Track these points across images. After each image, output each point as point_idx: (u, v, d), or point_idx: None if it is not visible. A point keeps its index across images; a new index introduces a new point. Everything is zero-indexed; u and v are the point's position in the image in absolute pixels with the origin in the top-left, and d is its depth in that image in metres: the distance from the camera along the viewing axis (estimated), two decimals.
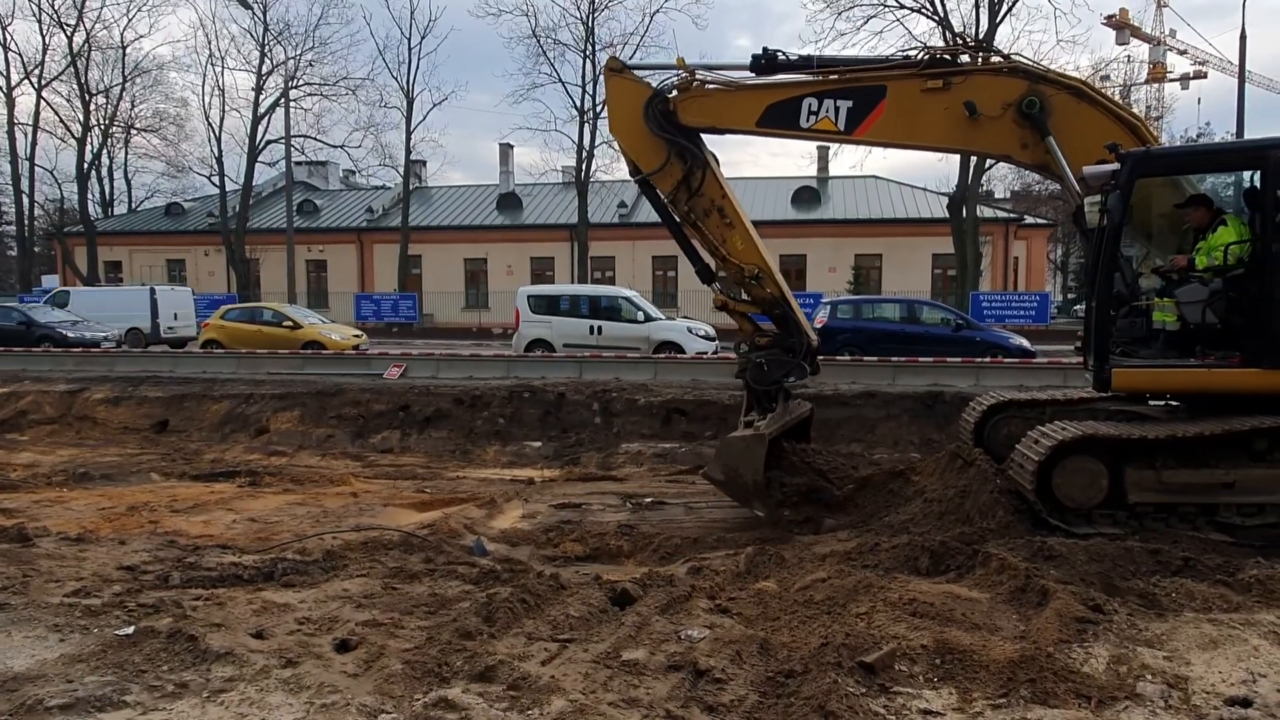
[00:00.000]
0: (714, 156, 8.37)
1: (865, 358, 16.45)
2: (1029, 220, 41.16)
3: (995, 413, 8.86)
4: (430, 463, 11.62)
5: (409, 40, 38.78)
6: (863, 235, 37.95)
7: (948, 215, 34.58)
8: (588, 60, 36.91)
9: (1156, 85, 46.60)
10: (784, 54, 8.18)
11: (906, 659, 3.80)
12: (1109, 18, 43.10)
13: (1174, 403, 7.56)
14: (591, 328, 19.60)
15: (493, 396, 13.29)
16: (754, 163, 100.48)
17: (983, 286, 35.27)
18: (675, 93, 8.24)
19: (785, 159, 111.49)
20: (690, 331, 20.01)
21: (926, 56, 8.02)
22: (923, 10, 33.28)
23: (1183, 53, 63.29)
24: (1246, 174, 7.27)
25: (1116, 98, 39.66)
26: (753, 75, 8.24)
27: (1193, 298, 6.82)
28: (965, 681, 3.66)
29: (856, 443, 11.88)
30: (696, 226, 8.40)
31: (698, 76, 8.23)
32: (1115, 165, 6.85)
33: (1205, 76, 62.83)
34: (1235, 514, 6.54)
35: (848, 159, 58.14)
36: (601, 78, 9.16)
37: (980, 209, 32.91)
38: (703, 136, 8.38)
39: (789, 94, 8.06)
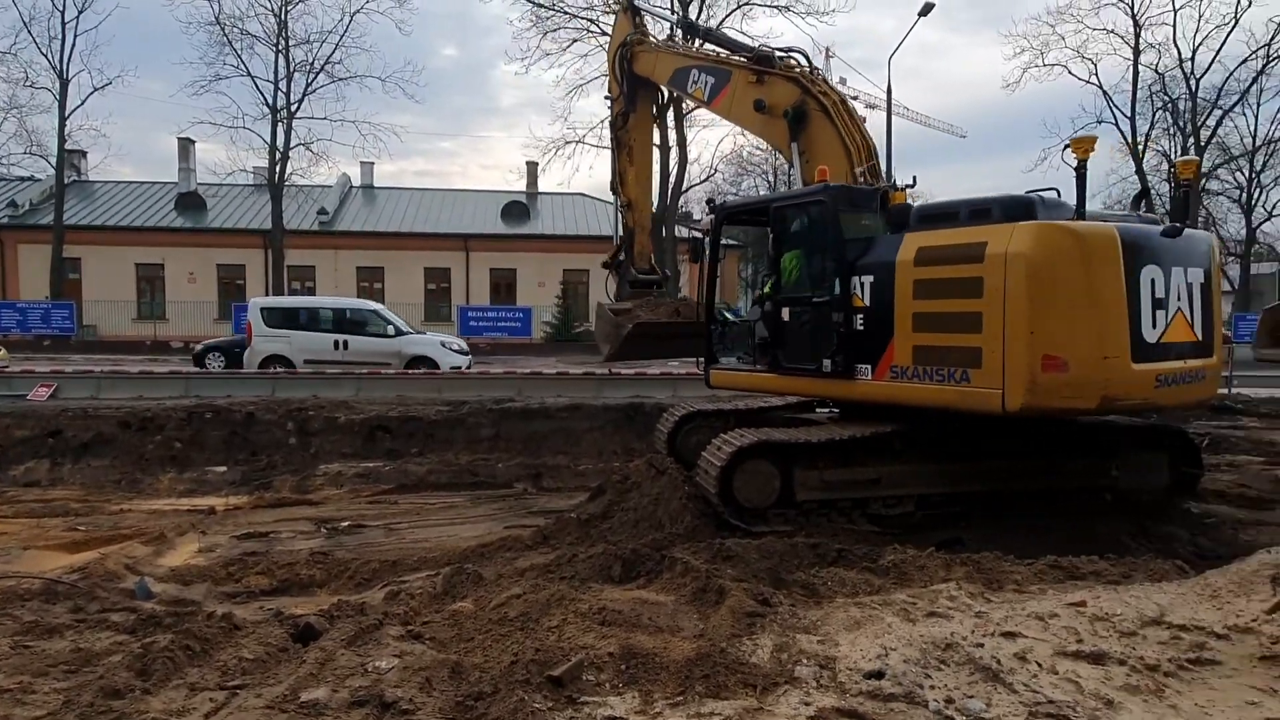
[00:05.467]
0: (659, 107, 10.40)
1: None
2: (723, 241, 44.49)
3: (686, 423, 9.47)
4: (88, 496, 10.21)
5: (62, 13, 33.95)
6: (571, 251, 38.94)
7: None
8: (280, 55, 34.57)
9: None
10: (704, 27, 10.74)
11: (594, 668, 3.91)
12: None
13: (835, 410, 8.56)
14: (336, 342, 18.53)
15: (168, 418, 11.98)
16: (463, 174, 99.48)
17: None
18: (632, 45, 10.60)
19: (496, 172, 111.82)
20: (444, 346, 19.52)
21: (752, 56, 9.33)
22: None
23: (854, 98, 71.71)
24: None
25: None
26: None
27: (753, 318, 8.73)
28: (648, 684, 3.83)
29: (563, 454, 12.15)
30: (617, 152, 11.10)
31: (648, 35, 10.70)
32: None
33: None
34: (881, 506, 7.50)
35: (555, 176, 59.71)
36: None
37: (679, 229, 35.05)
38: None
39: (685, 63, 9.98)
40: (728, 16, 34.55)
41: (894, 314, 7.08)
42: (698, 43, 10.94)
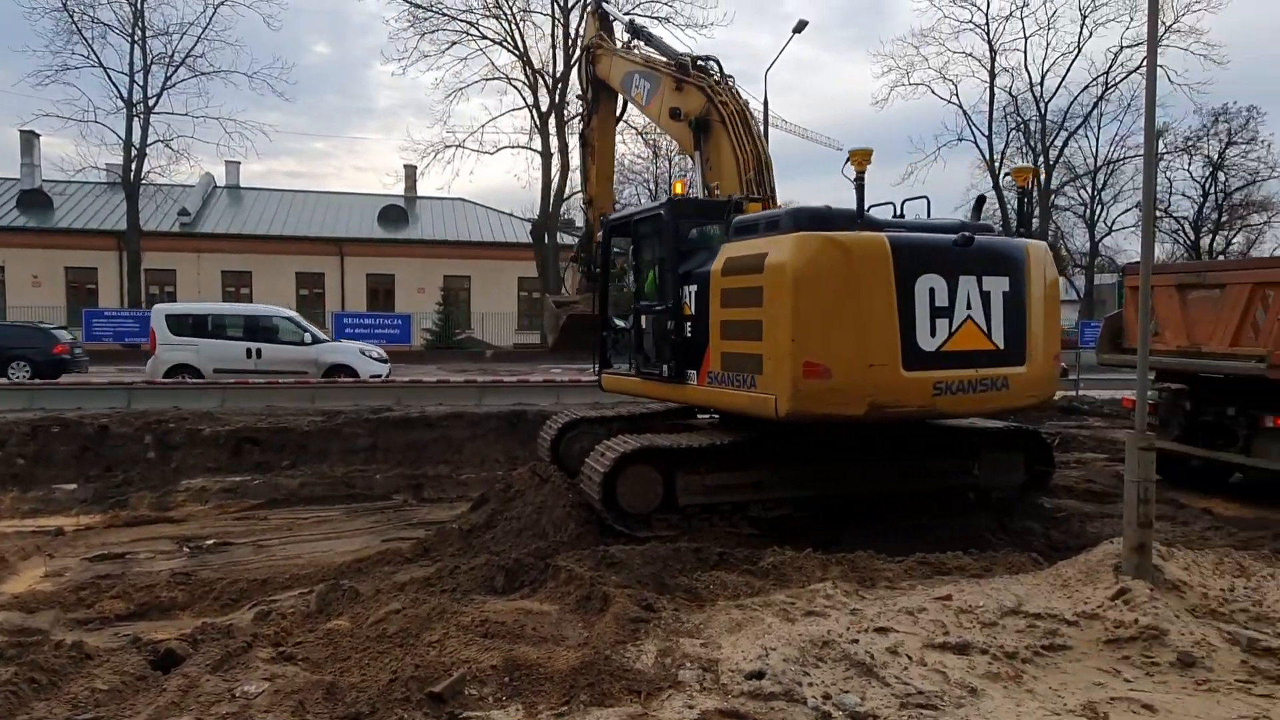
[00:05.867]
0: (622, 107, 10.37)
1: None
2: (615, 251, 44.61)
3: (569, 430, 9.45)
4: None
5: None
6: (451, 257, 38.34)
7: (531, 240, 36.33)
8: (136, 46, 32.59)
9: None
10: (647, 31, 10.79)
11: (476, 682, 3.84)
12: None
13: (715, 415, 8.71)
14: (249, 351, 17.63)
15: (9, 433, 11.10)
16: (338, 176, 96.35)
17: None
18: (594, 49, 10.88)
19: (372, 175, 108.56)
20: (363, 354, 18.88)
21: (679, 62, 9.51)
22: (504, 44, 34.73)
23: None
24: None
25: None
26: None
27: (629, 326, 8.95)
28: (532, 695, 3.79)
29: (445, 464, 11.90)
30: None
31: (611, 40, 10.88)
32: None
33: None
34: (761, 509, 7.67)
35: (434, 180, 58.43)
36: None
37: (561, 236, 35.02)
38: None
39: (630, 68, 10.19)
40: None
41: (709, 322, 7.37)
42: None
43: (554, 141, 35.32)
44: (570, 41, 34.64)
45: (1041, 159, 42.49)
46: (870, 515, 7.70)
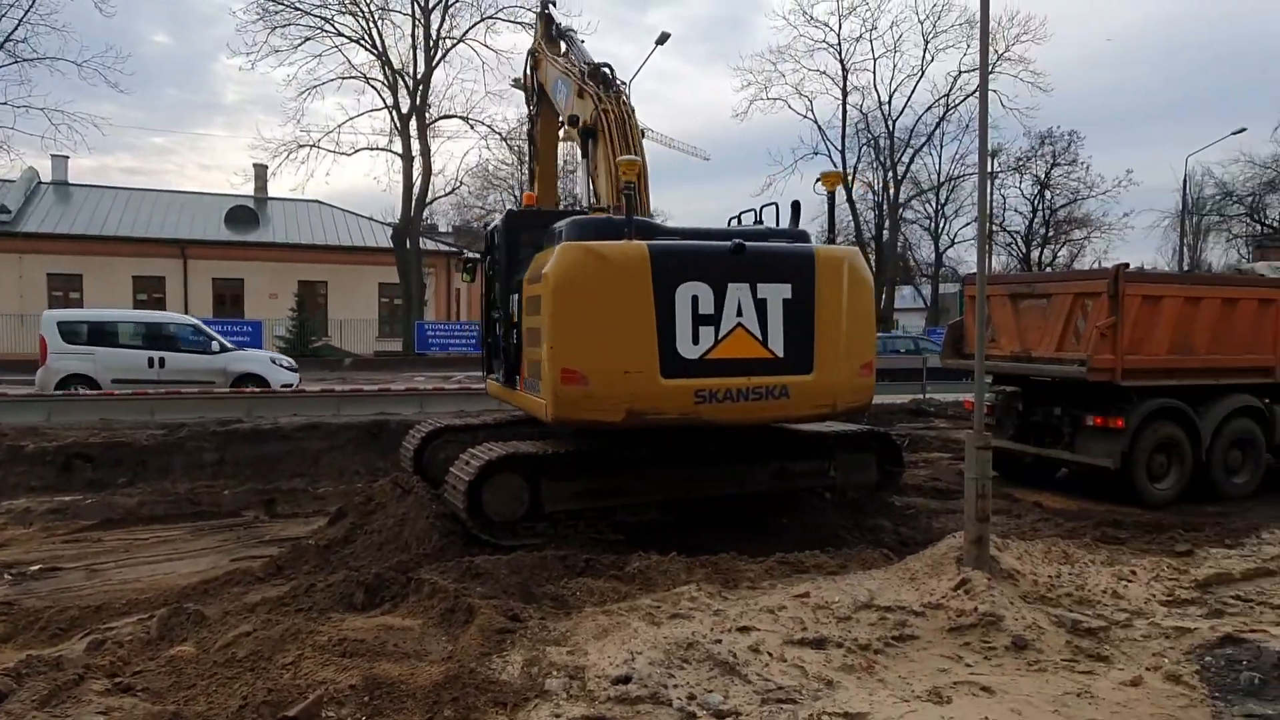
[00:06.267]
0: (573, 114, 9.55)
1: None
2: (470, 254, 43.95)
3: (433, 439, 9.24)
4: None
5: None
6: (306, 261, 36.71)
7: (393, 245, 35.35)
8: None
9: (572, 143, 53.11)
10: (570, 35, 10.60)
11: (334, 703, 3.70)
12: (515, 80, 47.29)
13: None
14: (151, 360, 16.49)
15: None
16: (180, 174, 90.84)
17: (427, 316, 36.70)
18: (536, 52, 10.71)
19: (219, 173, 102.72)
20: (274, 362, 18.07)
21: (580, 69, 9.50)
22: (361, 42, 33.70)
23: None
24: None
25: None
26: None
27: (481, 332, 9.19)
28: (393, 714, 3.68)
29: (300, 477, 11.41)
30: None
31: (543, 45, 10.67)
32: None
33: None
34: (628, 514, 7.73)
35: (287, 181, 55.93)
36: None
37: (424, 241, 34.22)
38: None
39: (556, 74, 9.99)
40: (471, 29, 34.32)
41: (522, 329, 7.65)
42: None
43: (415, 144, 34.54)
44: (431, 42, 33.99)
45: (890, 174, 44.91)
46: (734, 517, 7.89)
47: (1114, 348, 9.39)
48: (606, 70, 9.24)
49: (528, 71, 11.30)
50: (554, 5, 11.56)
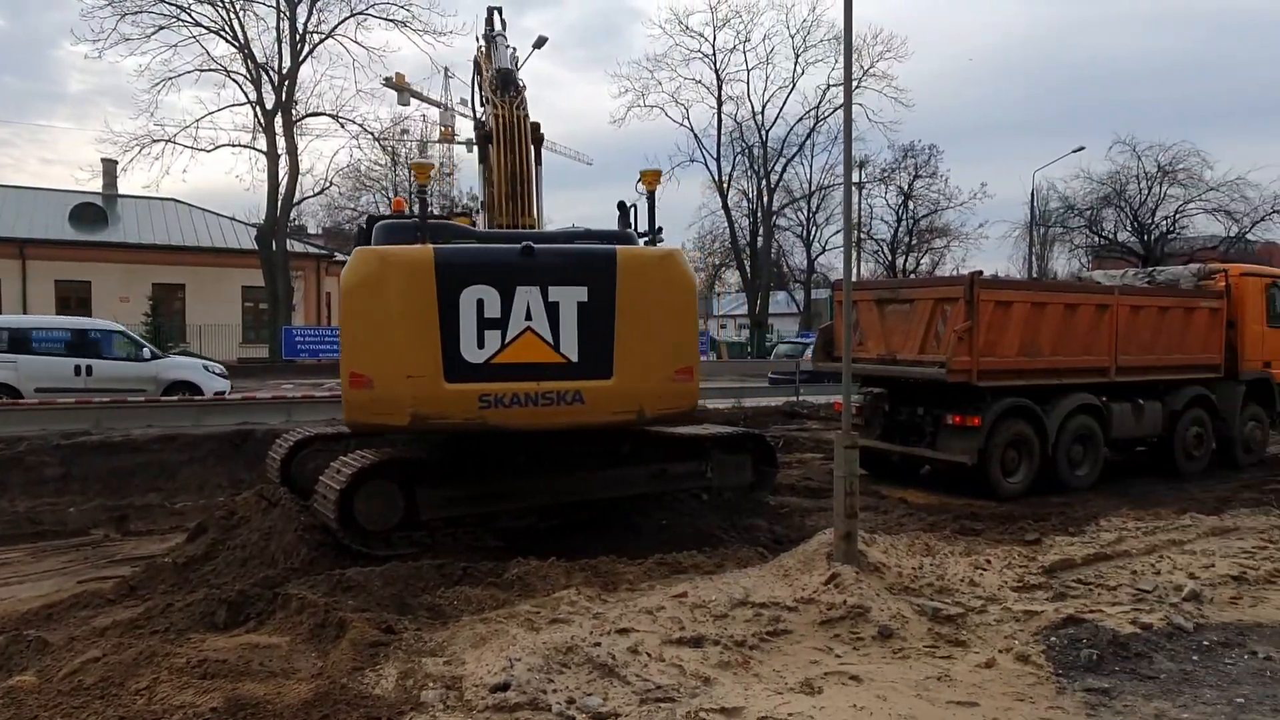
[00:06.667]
0: (534, 124, 8.97)
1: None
2: (340, 257, 42.59)
3: (302, 448, 8.87)
4: None
5: None
6: (161, 263, 34.60)
7: (257, 247, 33.81)
8: None
9: (447, 145, 52.22)
10: (500, 35, 10.47)
11: None
12: (386, 80, 45.77)
13: None
14: (78, 368, 15.55)
15: None
16: (17, 168, 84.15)
17: (296, 321, 35.26)
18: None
19: (62, 168, 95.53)
20: (206, 369, 17.36)
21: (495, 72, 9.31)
22: (221, 34, 32.12)
23: (469, 119, 72.71)
24: None
25: (417, 151, 43.36)
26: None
27: None
28: None
29: (156, 491, 10.76)
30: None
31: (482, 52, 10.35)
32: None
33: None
34: (507, 520, 7.64)
35: (139, 178, 52.63)
36: None
37: (291, 243, 32.84)
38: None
39: (488, 74, 9.55)
40: (340, 24, 33.21)
41: None
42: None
43: (281, 142, 33.13)
44: (297, 37, 32.72)
45: (764, 182, 46.10)
46: (613, 520, 7.92)
47: (970, 350, 9.95)
48: (507, 71, 9.19)
49: (475, 67, 10.95)
50: (499, 12, 11.24)
